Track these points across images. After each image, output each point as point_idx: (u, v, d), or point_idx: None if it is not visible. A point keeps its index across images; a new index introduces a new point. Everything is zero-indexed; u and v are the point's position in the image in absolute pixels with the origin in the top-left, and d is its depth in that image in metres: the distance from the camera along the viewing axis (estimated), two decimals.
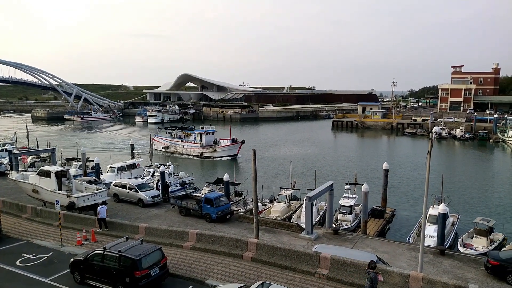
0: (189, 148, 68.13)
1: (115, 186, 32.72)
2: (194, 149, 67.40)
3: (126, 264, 16.65)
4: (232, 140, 64.65)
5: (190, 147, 68.15)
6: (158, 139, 73.27)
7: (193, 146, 67.96)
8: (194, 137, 69.21)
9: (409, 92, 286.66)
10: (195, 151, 67.09)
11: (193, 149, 67.57)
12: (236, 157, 64.30)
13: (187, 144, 68.94)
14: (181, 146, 69.50)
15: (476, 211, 35.44)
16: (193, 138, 69.08)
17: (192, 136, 69.94)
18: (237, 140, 64.87)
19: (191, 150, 67.58)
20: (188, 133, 71.52)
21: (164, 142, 72.33)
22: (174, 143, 71.20)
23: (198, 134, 68.33)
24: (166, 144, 71.74)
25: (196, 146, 67.47)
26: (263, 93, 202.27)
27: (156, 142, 72.36)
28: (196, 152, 66.81)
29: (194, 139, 68.91)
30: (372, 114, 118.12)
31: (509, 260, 18.10)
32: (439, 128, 18.61)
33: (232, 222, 27.33)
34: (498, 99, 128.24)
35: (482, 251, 23.68)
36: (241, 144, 64.36)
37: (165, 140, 72.67)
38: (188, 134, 71.25)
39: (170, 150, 70.24)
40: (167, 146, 71.14)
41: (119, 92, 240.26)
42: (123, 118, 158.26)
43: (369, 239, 24.21)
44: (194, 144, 68.15)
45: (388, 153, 72.80)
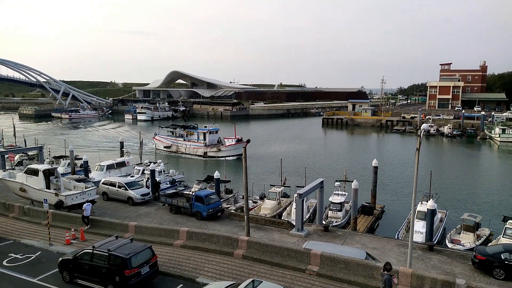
0: (192, 147, 66.18)
1: (104, 184, 32.41)
2: (198, 148, 65.45)
3: (116, 263, 16.51)
4: (237, 140, 63.04)
5: (193, 146, 66.15)
6: (159, 138, 71.64)
7: (196, 146, 65.93)
8: (197, 136, 67.05)
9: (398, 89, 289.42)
10: (198, 150, 65.13)
11: (197, 148, 65.61)
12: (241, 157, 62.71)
13: (190, 143, 66.90)
14: (183, 145, 67.56)
15: (464, 207, 35.98)
16: (196, 137, 66.99)
17: (195, 135, 67.68)
18: (242, 139, 62.65)
19: (194, 150, 65.70)
20: (191, 131, 68.94)
21: (166, 141, 70.41)
22: (176, 142, 69.11)
23: (202, 133, 66.25)
24: (168, 143, 69.82)
25: (200, 146, 65.49)
26: (254, 90, 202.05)
27: (157, 141, 71.09)
28: (200, 152, 64.92)
29: (197, 138, 66.83)
30: (362, 111, 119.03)
31: (495, 255, 18.43)
32: (427, 125, 18.80)
33: (223, 219, 27.30)
34: (485, 97, 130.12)
35: (470, 247, 24.09)
36: (246, 143, 62.79)
37: (167, 139, 70.60)
38: (191, 133, 68.72)
39: (172, 149, 68.62)
40: (169, 145, 69.39)
41: (108, 89, 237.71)
42: (112, 115, 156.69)
43: (359, 236, 24.39)
44: (197, 143, 66.13)
45: (378, 150, 73.40)
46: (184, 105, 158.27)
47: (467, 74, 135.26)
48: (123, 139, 56.30)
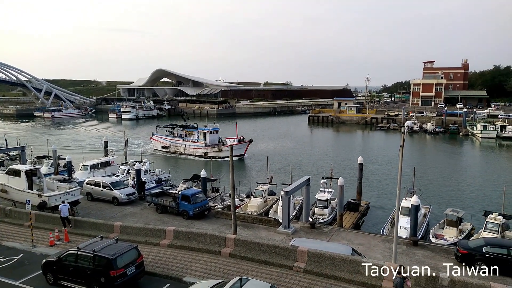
0: (192, 147, 63.88)
1: (88, 185, 31.95)
2: (198, 148, 63.12)
3: (101, 264, 16.33)
4: (239, 139, 60.80)
5: (193, 146, 63.85)
6: (157, 138, 69.13)
7: (196, 146, 63.63)
8: (197, 135, 64.51)
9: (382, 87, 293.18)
10: (198, 150, 62.78)
11: (197, 148, 63.31)
12: (243, 157, 60.71)
13: (189, 143, 64.56)
14: (182, 146, 65.23)
15: (446, 202, 36.64)
16: (196, 137, 64.50)
17: (194, 134, 65.07)
18: (244, 139, 61.25)
19: (194, 150, 63.38)
20: (190, 131, 66.22)
21: (164, 141, 67.79)
22: (175, 142, 66.59)
23: (202, 132, 63.89)
24: (166, 144, 67.26)
25: (200, 146, 63.21)
26: (240, 88, 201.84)
27: (154, 141, 69.17)
28: (200, 152, 62.63)
29: (197, 138, 64.37)
30: (347, 109, 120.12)
31: (477, 248, 18.87)
32: (411, 123, 19.10)
33: (210, 218, 27.23)
34: (467, 94, 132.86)
35: (453, 241, 24.60)
36: (248, 143, 60.77)
37: (165, 139, 68.02)
38: (190, 132, 66.06)
39: (170, 149, 66.28)
40: (167, 146, 66.92)
41: (91, 88, 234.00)
42: (96, 114, 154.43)
43: (344, 232, 24.65)
44: (197, 143, 63.81)
45: (363, 147, 74.22)
46: (170, 103, 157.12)
47: (450, 72, 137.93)
48: (107, 139, 55.56)
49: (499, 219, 24.71)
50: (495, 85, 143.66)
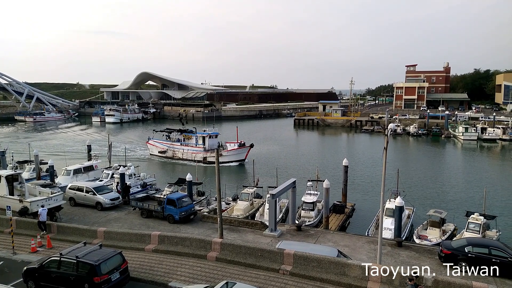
0: (190, 152, 61.94)
1: (71, 189, 31.38)
2: (196, 153, 61.13)
3: (85, 270, 16.07)
4: (239, 144, 59.74)
5: (192, 151, 61.89)
6: (153, 142, 66.99)
7: (194, 150, 61.69)
8: (195, 140, 62.62)
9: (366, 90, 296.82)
10: (197, 155, 60.61)
11: (195, 153, 61.33)
12: (244, 162, 59.51)
13: (187, 148, 62.66)
14: (180, 151, 63.29)
15: (430, 203, 37.23)
16: (195, 142, 62.60)
17: (193, 139, 63.11)
18: (245, 144, 59.93)
19: (193, 155, 61.22)
20: (189, 136, 64.16)
21: (161, 146, 65.72)
22: (172, 147, 64.45)
23: (200, 137, 62.04)
24: (163, 148, 65.20)
25: (199, 150, 61.29)
26: (226, 91, 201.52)
27: (151, 146, 67.33)
28: (199, 157, 60.40)
29: (195, 142, 62.45)
30: (332, 112, 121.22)
31: (459, 248, 19.24)
32: (394, 125, 19.40)
33: (196, 222, 27.05)
34: (449, 97, 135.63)
35: (436, 242, 25.00)
36: (249, 148, 59.53)
37: (162, 144, 65.97)
38: (189, 137, 64.05)
39: (167, 154, 64.24)
40: (164, 151, 64.84)
41: (74, 91, 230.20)
42: (79, 118, 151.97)
43: (330, 234, 24.81)
44: (196, 148, 61.91)
45: (348, 150, 74.94)
46: (155, 107, 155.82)
47: (432, 75, 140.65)
48: (90, 142, 54.72)
49: (480, 219, 25.26)
50: (475, 88, 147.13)
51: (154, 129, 70.60)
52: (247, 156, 59.67)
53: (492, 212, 28.69)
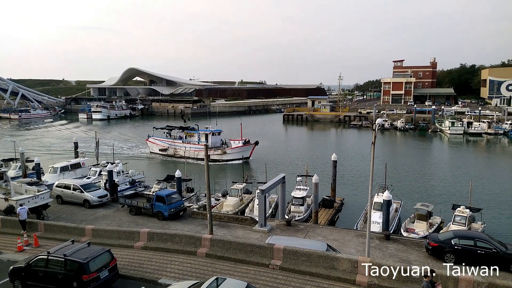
0: (193, 150, 59.87)
1: (58, 187, 30.98)
2: (199, 151, 58.60)
3: (73, 268, 15.90)
4: (244, 141, 58.10)
5: (194, 149, 59.76)
6: (154, 140, 65.03)
7: (197, 148, 59.42)
8: (198, 137, 60.85)
9: (354, 85, 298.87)
10: (200, 153, 58.31)
11: (198, 151, 59.03)
12: (249, 160, 57.70)
13: (190, 145, 60.54)
14: (182, 148, 61.20)
15: (417, 197, 37.75)
16: (197, 139, 60.73)
17: (195, 136, 61.33)
18: (250, 141, 58.40)
19: (195, 153, 59.14)
20: (191, 133, 62.36)
21: (162, 144, 63.77)
22: (174, 144, 62.60)
23: (203, 134, 60.26)
24: (164, 146, 63.24)
25: (201, 148, 58.25)
26: (214, 87, 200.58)
27: (151, 144, 65.54)
28: (202, 155, 56.87)
29: (198, 140, 60.61)
30: (321, 107, 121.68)
31: (446, 241, 19.58)
32: (382, 120, 19.58)
33: (186, 218, 26.98)
34: (435, 92, 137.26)
35: (423, 235, 25.38)
36: (254, 145, 58.13)
37: (163, 142, 64.05)
38: (191, 134, 62.21)
39: (169, 152, 62.27)
40: (165, 148, 62.92)
41: (60, 88, 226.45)
42: (65, 114, 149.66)
43: (320, 228, 24.99)
44: (198, 145, 59.59)
45: (337, 145, 75.44)
46: (143, 103, 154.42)
47: (419, 70, 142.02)
48: (77, 140, 53.98)
49: (466, 212, 25.72)
50: (461, 83, 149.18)
51: (154, 126, 68.41)
52: (251, 153, 58.62)
53: (478, 205, 29.23)
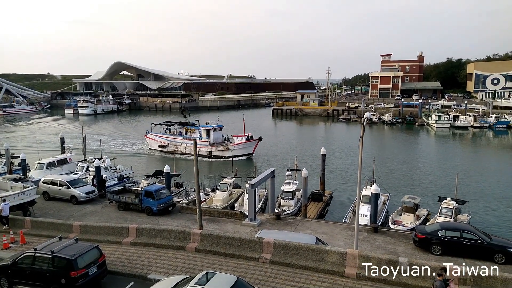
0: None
1: (44, 183, 30.53)
2: (201, 147, 56.15)
3: (61, 265, 15.75)
4: (247, 137, 56.92)
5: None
6: (153, 136, 63.27)
7: (199, 144, 56.56)
8: (199, 133, 59.11)
9: (343, 80, 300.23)
10: (201, 150, 56.01)
11: (199, 147, 56.44)
12: (252, 156, 57.00)
13: (191, 142, 55.66)
14: (183, 145, 59.50)
15: (404, 190, 38.24)
16: (198, 135, 58.79)
17: (196, 132, 59.57)
18: (253, 137, 57.39)
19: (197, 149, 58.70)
20: (191, 129, 60.54)
21: (161, 140, 62.03)
22: (174, 141, 60.66)
23: (204, 130, 58.87)
24: (164, 143, 61.49)
25: (203, 144, 57.37)
26: (203, 81, 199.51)
27: (150, 140, 63.67)
28: (203, 151, 56.74)
29: (199, 136, 58.50)
30: (309, 101, 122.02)
31: (433, 233, 19.89)
32: (370, 114, 19.71)
33: (175, 214, 26.88)
34: (422, 86, 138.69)
35: (410, 227, 25.76)
36: (258, 141, 57.02)
37: (162, 138, 62.25)
38: (191, 130, 60.41)
39: (169, 149, 59.77)
40: (165, 145, 61.15)
41: (46, 82, 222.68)
42: (51, 110, 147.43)
43: (309, 222, 25.16)
44: (200, 142, 56.22)
45: (325, 139, 75.83)
46: (130, 97, 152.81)
47: (406, 64, 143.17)
48: (63, 135, 53.19)
49: (452, 204, 26.16)
50: (448, 76, 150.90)
51: (153, 122, 66.10)
52: (255, 149, 57.71)
53: (463, 197, 29.75)
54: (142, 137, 68.65)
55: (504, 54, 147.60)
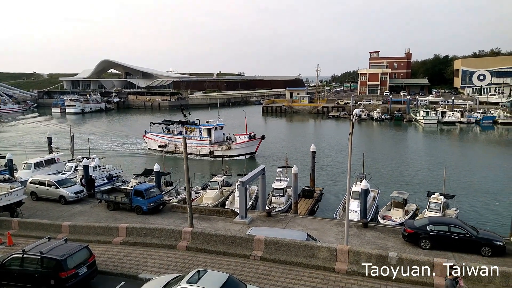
0: (195, 146, 56.64)
1: (32, 184, 30.09)
2: (202, 147, 56.45)
3: (50, 266, 15.56)
4: (249, 136, 56.05)
5: (196, 144, 56.83)
6: (152, 136, 61.60)
7: (200, 144, 56.85)
8: (199, 132, 57.93)
9: (332, 77, 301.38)
10: (203, 149, 56.18)
11: (201, 147, 56.53)
12: (254, 155, 56.10)
13: (191, 141, 56.68)
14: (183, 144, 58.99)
15: (394, 185, 38.66)
16: (199, 134, 57.84)
17: (197, 131, 58.24)
18: (255, 136, 56.54)
19: (198, 149, 56.41)
20: (192, 128, 59.06)
21: (161, 140, 60.55)
22: (174, 140, 59.19)
23: (205, 129, 57.48)
24: (164, 142, 59.94)
25: (205, 144, 56.79)
26: (192, 79, 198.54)
27: (149, 140, 62.11)
28: (205, 151, 56.23)
29: (200, 135, 57.83)
30: (299, 99, 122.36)
31: (422, 227, 20.16)
32: (359, 111, 19.86)
33: (165, 212, 26.74)
34: (410, 82, 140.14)
35: (399, 222, 26.06)
36: (260, 139, 56.35)
37: (162, 137, 60.79)
38: (192, 129, 58.92)
39: (169, 149, 58.49)
40: (165, 145, 59.53)
41: (32, 81, 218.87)
42: (38, 109, 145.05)
43: (300, 218, 25.27)
44: (201, 141, 57.28)
45: (315, 136, 76.19)
46: (118, 96, 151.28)
47: (394, 61, 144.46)
48: (51, 134, 52.46)
49: (440, 199, 26.54)
50: (435, 73, 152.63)
51: (152, 121, 64.27)
52: (257, 148, 56.88)
53: (451, 191, 30.20)
54: (137, 136, 67.99)
55: (490, 51, 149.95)
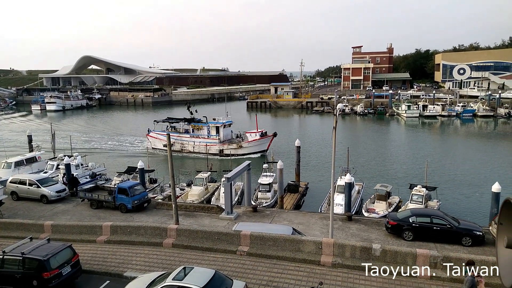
0: (203, 144, 54.12)
1: (12, 183, 29.37)
2: (211, 145, 53.94)
3: (32, 267, 15.27)
4: (261, 133, 53.98)
5: (204, 143, 54.30)
6: (155, 135, 58.27)
7: (208, 142, 54.36)
8: (207, 130, 55.45)
9: (316, 72, 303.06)
10: (211, 148, 53.74)
11: (209, 145, 53.96)
12: (266, 153, 53.55)
13: (199, 140, 55.05)
14: (191, 143, 55.69)
15: (378, 179, 39.20)
16: (207, 132, 55.40)
17: (204, 129, 55.73)
18: (267, 133, 54.82)
19: (207, 148, 53.50)
20: (199, 126, 56.43)
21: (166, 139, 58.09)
22: (180, 139, 56.44)
23: (213, 126, 54.88)
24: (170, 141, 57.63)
25: (213, 142, 54.35)
26: (176, 75, 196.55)
27: (152, 139, 58.81)
28: (214, 150, 53.83)
29: (207, 133, 55.40)
30: (283, 94, 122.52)
31: (404, 219, 20.53)
32: (342, 105, 20.01)
33: (150, 210, 26.51)
34: (392, 77, 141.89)
35: (383, 214, 26.48)
36: (272, 137, 54.82)
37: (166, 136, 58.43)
38: (199, 127, 56.36)
39: (175, 148, 54.77)
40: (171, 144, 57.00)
41: (10, 78, 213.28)
42: (17, 106, 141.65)
43: (285, 213, 25.42)
44: (209, 139, 54.81)
45: (300, 131, 76.56)
46: (100, 92, 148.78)
47: (376, 56, 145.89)
48: (31, 132, 51.25)
49: (422, 191, 27.03)
50: (417, 67, 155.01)
51: (155, 120, 61.37)
52: (269, 146, 55.03)
53: (433, 183, 30.80)
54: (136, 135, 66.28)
55: (469, 45, 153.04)
